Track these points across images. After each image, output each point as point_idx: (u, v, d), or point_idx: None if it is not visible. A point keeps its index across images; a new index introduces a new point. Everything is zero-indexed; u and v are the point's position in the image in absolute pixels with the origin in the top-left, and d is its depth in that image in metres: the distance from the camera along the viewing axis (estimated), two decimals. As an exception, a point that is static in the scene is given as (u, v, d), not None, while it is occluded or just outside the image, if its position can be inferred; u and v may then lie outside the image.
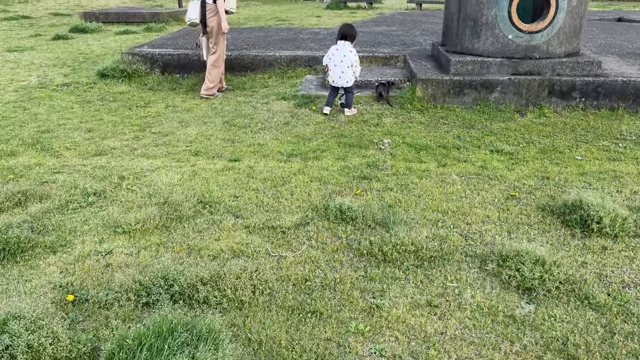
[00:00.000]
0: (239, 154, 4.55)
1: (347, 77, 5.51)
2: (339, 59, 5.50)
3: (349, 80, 5.52)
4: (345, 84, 5.53)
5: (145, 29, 13.00)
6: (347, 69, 5.49)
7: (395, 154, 4.49)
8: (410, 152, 4.55)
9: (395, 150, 4.57)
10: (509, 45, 5.61)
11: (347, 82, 5.52)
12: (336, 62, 5.54)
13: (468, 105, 5.71)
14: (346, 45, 5.49)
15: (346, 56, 5.47)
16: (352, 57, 5.46)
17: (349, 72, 5.50)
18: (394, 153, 4.52)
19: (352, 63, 5.47)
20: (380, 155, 4.47)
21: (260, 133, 5.13)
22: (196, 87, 6.93)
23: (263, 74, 7.31)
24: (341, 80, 5.53)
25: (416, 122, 5.31)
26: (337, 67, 5.53)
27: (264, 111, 5.78)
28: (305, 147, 4.69)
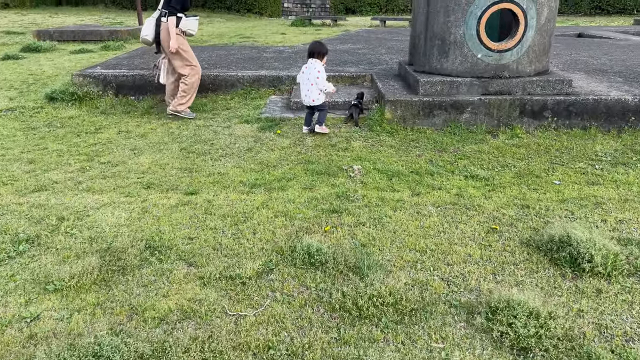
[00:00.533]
0: (196, 185, 4.17)
1: (313, 95, 5.27)
2: (306, 77, 5.29)
3: (316, 98, 5.27)
4: (312, 103, 5.29)
5: (102, 48, 12.49)
6: (311, 87, 5.24)
7: (366, 182, 4.19)
8: (382, 179, 4.26)
9: (366, 178, 4.27)
10: (479, 65, 5.43)
11: (314, 101, 5.28)
12: (303, 80, 5.34)
13: (439, 127, 5.49)
14: (313, 63, 5.23)
15: (312, 75, 5.21)
16: (313, 75, 5.23)
17: (314, 90, 5.24)
18: (365, 181, 4.22)
19: (315, 81, 5.20)
20: (350, 183, 4.17)
21: (221, 160, 4.75)
22: (152, 109, 6.52)
23: (225, 95, 6.95)
24: (307, 99, 5.32)
25: (386, 146, 5.04)
26: (303, 85, 5.35)
27: (226, 136, 5.42)
28: (270, 176, 4.35)
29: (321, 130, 5.31)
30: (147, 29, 5.82)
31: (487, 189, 4.07)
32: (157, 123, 5.95)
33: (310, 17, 21.06)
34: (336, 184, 4.15)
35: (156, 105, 6.73)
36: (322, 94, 5.29)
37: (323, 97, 5.31)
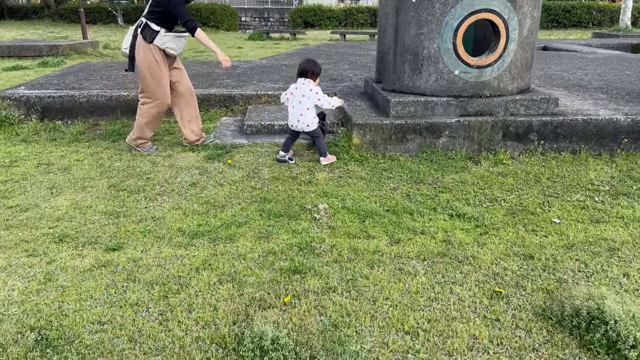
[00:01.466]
0: (122, 236, 3.33)
1: (308, 119, 4.56)
2: (298, 100, 4.57)
3: (311, 123, 4.57)
4: (307, 128, 4.60)
5: (40, 64, 11.41)
6: (307, 112, 4.55)
7: (334, 226, 3.45)
8: (353, 221, 3.53)
9: (334, 220, 3.53)
10: (456, 82, 4.81)
11: (309, 126, 4.59)
12: (294, 104, 4.59)
13: (413, 153, 4.83)
14: (306, 84, 4.55)
15: (305, 96, 4.52)
16: (314, 98, 4.54)
17: (309, 114, 4.56)
18: (333, 224, 3.48)
19: (315, 104, 4.57)
20: (315, 229, 3.42)
21: (157, 200, 3.92)
22: (83, 136, 5.61)
23: (168, 117, 6.10)
24: (300, 124, 4.60)
25: (356, 177, 4.32)
26: (295, 109, 4.60)
27: (166, 168, 4.58)
28: (217, 220, 3.55)
29: (328, 160, 4.63)
30: (126, 41, 4.77)
31: (478, 232, 3.40)
32: (85, 152, 5.05)
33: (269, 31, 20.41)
34: (298, 230, 3.39)
35: (87, 131, 5.83)
36: (316, 118, 4.61)
37: (317, 122, 4.62)
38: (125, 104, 6.05)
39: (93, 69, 8.19)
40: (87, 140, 5.45)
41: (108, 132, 5.65)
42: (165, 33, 4.62)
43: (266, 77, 7.40)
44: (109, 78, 7.20)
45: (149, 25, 4.57)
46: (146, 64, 4.64)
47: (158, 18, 4.57)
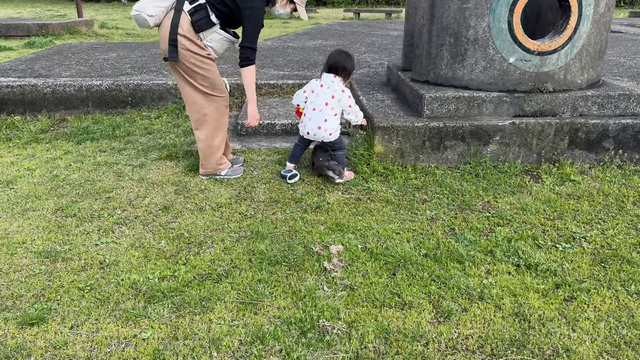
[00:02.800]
0: (52, 296, 2.33)
1: (332, 127, 3.46)
2: (323, 101, 3.43)
3: (334, 131, 3.48)
4: (328, 138, 3.49)
5: (26, 44, 10.37)
6: (333, 118, 3.45)
7: (353, 284, 2.41)
8: (378, 274, 2.49)
9: (351, 272, 2.50)
10: (510, 73, 3.71)
11: (332, 135, 3.48)
12: (317, 105, 3.45)
13: (453, 165, 3.75)
14: (336, 82, 3.44)
15: (336, 98, 3.44)
16: (345, 102, 3.46)
17: (335, 121, 3.47)
18: (351, 280, 2.44)
19: (344, 109, 3.50)
20: (325, 288, 2.38)
21: (114, 233, 2.91)
22: (44, 135, 4.59)
23: (149, 111, 5.07)
24: (321, 133, 3.46)
25: (379, 200, 3.27)
26: (317, 113, 3.46)
27: (133, 183, 3.55)
28: (187, 269, 2.54)
29: (345, 178, 3.54)
30: (154, 9, 3.18)
31: (561, 297, 2.34)
32: (41, 158, 4.04)
33: (278, 10, 19.15)
34: (300, 292, 2.35)
35: (51, 128, 4.81)
36: (339, 126, 3.52)
37: (339, 132, 3.53)
38: (98, 95, 5.02)
39: (73, 51, 7.15)
40: (48, 141, 4.44)
41: (74, 131, 4.63)
42: (219, 29, 3.25)
43: (269, 62, 6.31)
44: (86, 63, 6.16)
45: (208, 12, 3.17)
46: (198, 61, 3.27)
47: (222, 12, 3.21)
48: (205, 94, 3.37)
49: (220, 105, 3.45)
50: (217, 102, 3.42)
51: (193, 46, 3.19)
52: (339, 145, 3.53)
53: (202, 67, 3.27)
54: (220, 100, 3.44)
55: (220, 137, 3.51)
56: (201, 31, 3.18)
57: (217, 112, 3.44)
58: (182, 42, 3.17)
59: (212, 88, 3.37)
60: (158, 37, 3.34)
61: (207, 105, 3.40)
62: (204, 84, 3.33)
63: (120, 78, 5.20)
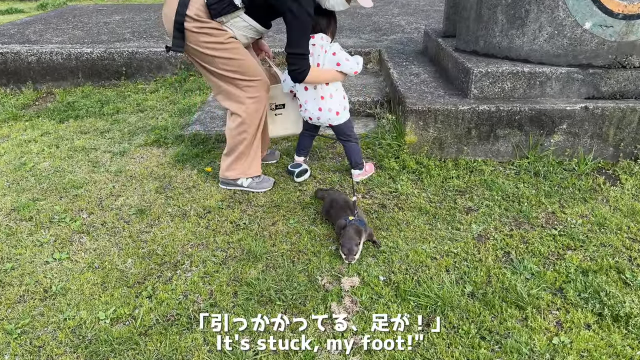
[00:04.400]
0: (-40, 350, 1.73)
1: (334, 104, 2.60)
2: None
3: (342, 109, 2.62)
4: (334, 120, 2.65)
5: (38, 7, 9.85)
6: (333, 92, 2.60)
7: (370, 345, 1.74)
8: (406, 325, 1.81)
9: (369, 324, 1.82)
10: (585, 42, 2.87)
11: (339, 115, 2.63)
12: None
13: (505, 159, 2.98)
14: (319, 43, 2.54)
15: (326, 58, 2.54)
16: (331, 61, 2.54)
17: (336, 96, 2.61)
18: (369, 339, 1.76)
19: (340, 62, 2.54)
20: (330, 349, 1.71)
21: (73, 245, 2.30)
22: (27, 110, 4.01)
23: (145, 83, 4.41)
24: (326, 114, 2.63)
25: (411, 208, 2.54)
26: (311, 92, 2.63)
27: (109, 175, 2.92)
28: (150, 310, 1.92)
29: (365, 174, 2.79)
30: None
31: (671, 374, 1.61)
32: (14, 141, 3.46)
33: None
34: (297, 355, 1.69)
35: (35, 103, 4.21)
36: (347, 104, 2.66)
37: (347, 110, 2.67)
38: (89, 64, 4.38)
39: (75, 13, 6.51)
40: (28, 119, 3.85)
41: (59, 107, 4.02)
42: (244, 15, 2.41)
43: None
44: (84, 27, 5.51)
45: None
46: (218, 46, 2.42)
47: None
48: (232, 81, 2.49)
49: (259, 92, 2.53)
50: (253, 90, 2.51)
51: (205, 30, 2.34)
52: (347, 130, 2.70)
53: (222, 49, 2.40)
54: (256, 86, 2.51)
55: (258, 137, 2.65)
56: (219, 16, 2.34)
57: (256, 102, 2.53)
58: (190, 27, 2.36)
59: (241, 72, 2.46)
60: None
61: (239, 95, 2.51)
62: (228, 69, 2.44)
63: (115, 45, 4.54)
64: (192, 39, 2.37)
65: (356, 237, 2.11)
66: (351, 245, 2.09)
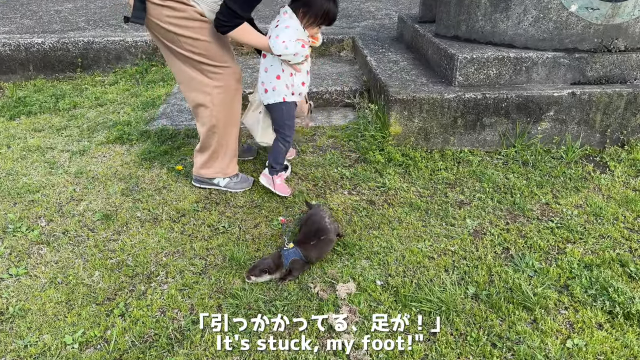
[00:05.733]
0: None
1: (267, 80, 2.34)
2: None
3: (270, 87, 2.34)
4: (265, 97, 2.38)
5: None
6: (270, 69, 2.33)
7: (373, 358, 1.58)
8: (410, 334, 1.66)
9: (372, 337, 1.66)
10: (570, 26, 2.78)
11: (267, 94, 2.36)
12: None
13: (492, 148, 2.87)
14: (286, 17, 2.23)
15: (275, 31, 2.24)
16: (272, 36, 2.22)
17: (271, 73, 2.32)
18: (371, 353, 1.60)
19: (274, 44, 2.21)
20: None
21: (30, 258, 2.06)
22: (14, 107, 3.64)
23: (104, 75, 4.10)
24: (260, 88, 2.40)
25: (401, 204, 2.40)
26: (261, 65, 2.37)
27: (69, 177, 2.65)
28: (124, 330, 1.73)
29: (268, 184, 2.46)
30: None
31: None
32: None
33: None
34: (294, 373, 1.52)
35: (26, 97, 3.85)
36: (285, 92, 2.34)
37: (284, 89, 2.33)
38: (40, 55, 4.03)
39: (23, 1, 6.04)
40: (5, 116, 3.49)
41: (9, 102, 3.68)
42: None
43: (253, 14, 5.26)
44: (34, 15, 5.10)
45: None
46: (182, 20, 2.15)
47: None
48: (197, 66, 2.22)
49: (227, 81, 2.28)
50: (221, 77, 2.26)
51: (168, 2, 2.07)
52: (279, 124, 2.39)
53: (187, 27, 2.14)
54: (223, 74, 2.26)
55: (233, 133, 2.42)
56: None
57: (223, 92, 2.28)
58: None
59: (207, 56, 2.20)
60: None
61: (206, 83, 2.25)
62: (194, 50, 2.18)
63: (69, 34, 4.19)
64: (154, 12, 2.11)
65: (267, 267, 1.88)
66: (257, 267, 1.88)
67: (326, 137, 3.03)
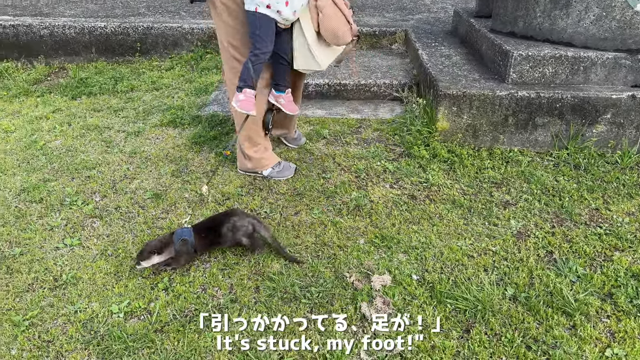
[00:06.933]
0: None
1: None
2: None
3: None
4: None
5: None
6: None
7: (405, 351, 1.59)
8: (444, 331, 1.67)
9: (402, 329, 1.67)
10: (635, 26, 2.65)
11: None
12: None
13: (544, 149, 2.79)
14: None
15: None
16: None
17: None
18: (404, 344, 1.62)
19: None
20: (363, 357, 1.57)
21: (85, 230, 2.18)
22: (36, 86, 3.86)
23: (160, 60, 4.25)
24: None
25: (443, 200, 2.38)
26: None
27: (123, 157, 2.78)
28: (166, 304, 1.80)
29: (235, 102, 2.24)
30: None
31: None
32: (25, 117, 3.33)
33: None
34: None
35: (47, 77, 4.07)
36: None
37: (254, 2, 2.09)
38: (102, 39, 4.22)
39: None
40: (40, 95, 3.71)
41: (72, 83, 3.87)
42: None
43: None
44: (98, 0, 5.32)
45: None
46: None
47: None
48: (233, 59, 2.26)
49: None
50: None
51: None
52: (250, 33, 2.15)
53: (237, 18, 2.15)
54: None
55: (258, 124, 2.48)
56: None
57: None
58: None
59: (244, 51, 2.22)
60: None
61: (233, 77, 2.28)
62: (234, 43, 2.22)
63: (130, 19, 4.36)
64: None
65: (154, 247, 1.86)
66: (145, 250, 1.86)
67: (371, 129, 3.03)
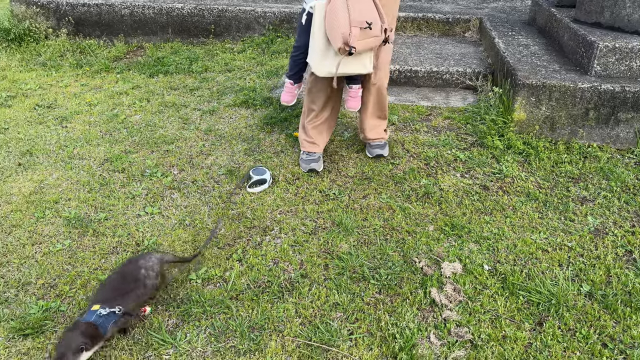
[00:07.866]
0: (63, 291, 1.79)
1: None
2: None
3: None
4: None
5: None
6: None
7: (475, 338, 1.61)
8: (516, 322, 1.65)
9: (474, 316, 1.68)
10: None
11: None
12: None
13: (625, 145, 2.66)
14: None
15: None
16: None
17: None
18: (474, 330, 1.62)
19: None
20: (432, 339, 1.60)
21: (164, 200, 2.30)
22: (117, 63, 4.07)
23: (233, 44, 4.35)
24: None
25: (517, 192, 2.33)
26: None
27: (199, 133, 2.89)
28: (241, 274, 1.87)
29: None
30: None
31: None
32: (106, 92, 3.51)
33: None
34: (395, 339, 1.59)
35: (126, 55, 4.27)
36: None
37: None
38: (179, 20, 4.37)
39: None
40: (119, 71, 3.90)
41: (150, 61, 4.04)
42: None
43: None
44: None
45: None
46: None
47: None
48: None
49: None
50: None
51: None
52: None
53: None
54: None
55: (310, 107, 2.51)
56: None
57: None
58: None
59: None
60: None
61: None
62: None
63: (205, 1, 4.49)
64: None
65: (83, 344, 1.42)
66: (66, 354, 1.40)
67: (442, 117, 2.99)
